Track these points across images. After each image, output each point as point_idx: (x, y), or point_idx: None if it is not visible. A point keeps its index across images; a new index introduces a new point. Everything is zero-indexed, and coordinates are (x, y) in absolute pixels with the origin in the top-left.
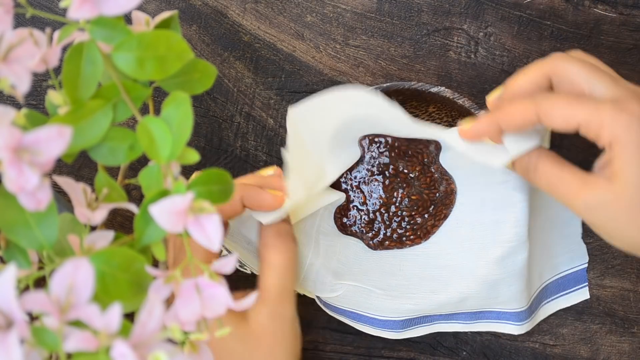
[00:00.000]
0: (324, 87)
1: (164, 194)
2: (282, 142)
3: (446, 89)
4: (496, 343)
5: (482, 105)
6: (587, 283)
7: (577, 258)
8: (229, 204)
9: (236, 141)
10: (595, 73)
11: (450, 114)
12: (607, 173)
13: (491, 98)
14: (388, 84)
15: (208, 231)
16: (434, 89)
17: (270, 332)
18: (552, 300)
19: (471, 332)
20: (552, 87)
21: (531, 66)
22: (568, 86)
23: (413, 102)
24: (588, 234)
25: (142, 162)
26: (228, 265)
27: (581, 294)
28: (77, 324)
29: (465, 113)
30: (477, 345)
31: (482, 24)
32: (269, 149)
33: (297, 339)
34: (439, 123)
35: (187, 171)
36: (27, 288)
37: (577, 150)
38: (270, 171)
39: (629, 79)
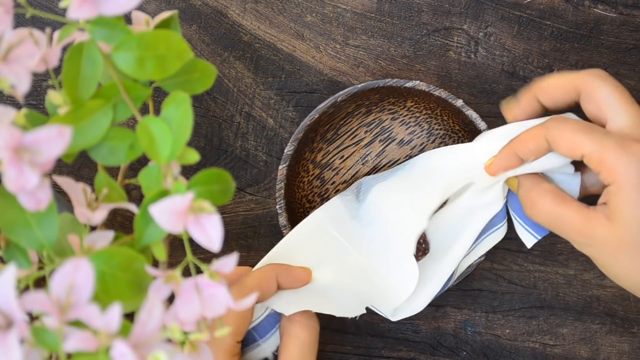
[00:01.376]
0: (324, 87)
1: (164, 194)
2: (282, 142)
3: (421, 82)
4: (496, 343)
5: (482, 106)
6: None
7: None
8: (267, 284)
9: (236, 141)
10: (624, 102)
11: (428, 106)
12: (607, 211)
13: (508, 105)
14: (364, 84)
15: (208, 231)
16: (409, 84)
17: None
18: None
19: (470, 331)
20: (578, 100)
21: (565, 73)
22: (593, 106)
23: (390, 98)
24: None
25: (142, 162)
26: (228, 265)
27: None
28: (77, 324)
29: (442, 104)
30: (477, 345)
31: (482, 24)
32: (269, 149)
33: None
34: (418, 116)
35: (187, 171)
36: (27, 288)
37: None
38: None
39: (629, 79)
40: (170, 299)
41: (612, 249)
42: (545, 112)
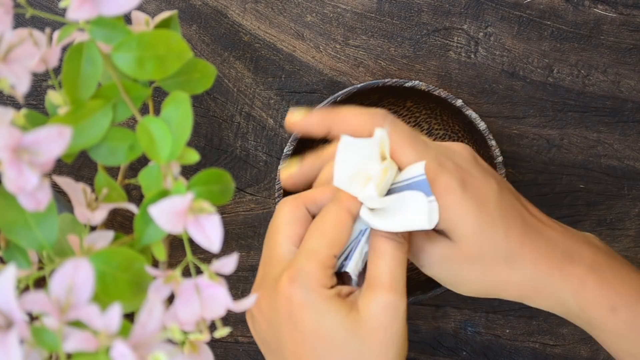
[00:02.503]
0: (323, 87)
1: (164, 194)
2: (282, 142)
3: (421, 82)
4: (496, 343)
5: (482, 106)
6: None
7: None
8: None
9: (236, 141)
10: (403, 143)
11: (428, 106)
12: (443, 227)
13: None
14: (363, 83)
15: (208, 231)
16: (409, 84)
17: (383, 326)
18: None
19: (470, 331)
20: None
21: (356, 112)
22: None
23: (390, 98)
24: (589, 230)
25: (142, 162)
26: (228, 265)
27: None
28: (77, 324)
29: (442, 104)
30: (477, 345)
31: (482, 24)
32: (269, 149)
33: (406, 340)
34: (418, 116)
35: (187, 171)
36: (27, 288)
37: (577, 150)
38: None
39: (629, 79)
40: (170, 299)
41: (453, 263)
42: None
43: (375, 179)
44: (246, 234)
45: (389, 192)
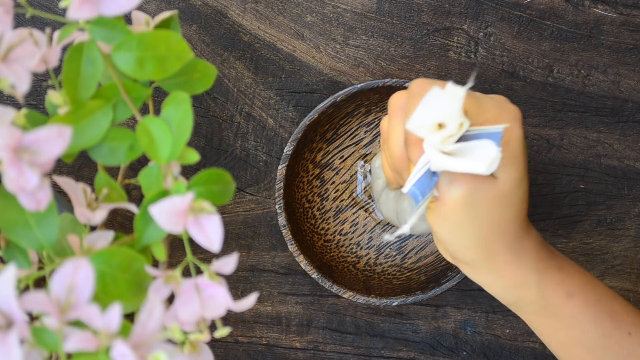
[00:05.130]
0: (323, 87)
1: (164, 194)
2: (282, 142)
3: None
4: (496, 343)
5: None
6: None
7: None
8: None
9: (236, 141)
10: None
11: None
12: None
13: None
14: (363, 83)
15: (208, 231)
16: (408, 84)
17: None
18: None
19: (470, 331)
20: None
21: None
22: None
23: None
24: (588, 234)
25: (142, 162)
26: (228, 265)
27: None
28: (77, 324)
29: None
30: (477, 345)
31: (482, 24)
32: (269, 148)
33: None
34: None
35: (187, 171)
36: (27, 288)
37: (577, 150)
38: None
39: (629, 79)
40: (170, 299)
41: (487, 196)
42: None
43: (450, 130)
44: (246, 234)
45: (460, 139)
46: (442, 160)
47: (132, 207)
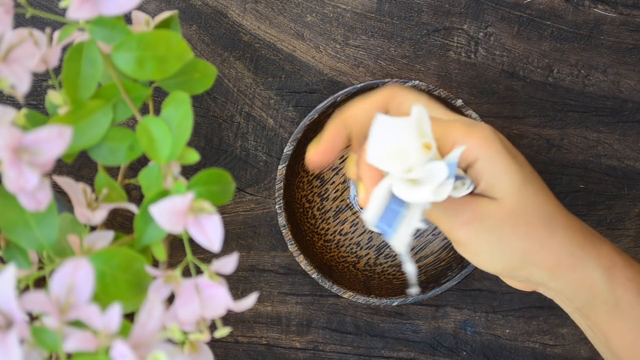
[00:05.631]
0: (324, 87)
1: (164, 194)
2: (282, 142)
3: (421, 82)
4: (496, 343)
5: (482, 105)
6: None
7: None
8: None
9: (236, 141)
10: (431, 103)
11: None
12: (479, 190)
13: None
14: (363, 83)
15: (208, 231)
16: (409, 84)
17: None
18: None
19: (470, 331)
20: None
21: (366, 96)
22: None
23: None
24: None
25: (142, 162)
26: (228, 265)
27: None
28: (77, 324)
29: (442, 104)
30: (477, 346)
31: (482, 24)
32: (269, 149)
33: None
34: None
35: (187, 171)
36: (27, 288)
37: (577, 150)
38: None
39: (629, 79)
40: (170, 299)
41: (496, 222)
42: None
43: (414, 156)
44: (246, 234)
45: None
46: (400, 192)
47: (132, 207)
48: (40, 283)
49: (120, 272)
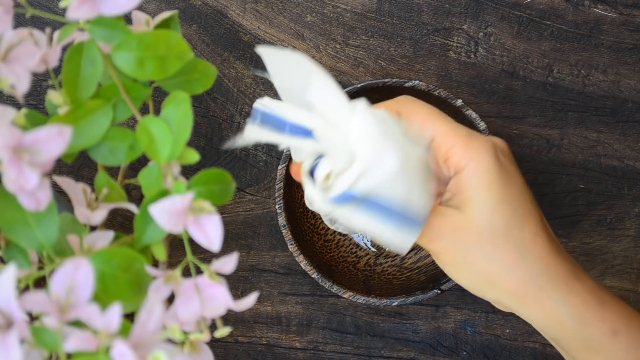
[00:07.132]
0: None
1: (164, 194)
2: None
3: (421, 82)
4: (496, 343)
5: (482, 105)
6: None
7: None
8: None
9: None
10: (436, 119)
11: None
12: (456, 201)
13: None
14: (363, 83)
15: (208, 231)
16: (409, 84)
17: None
18: None
19: (470, 331)
20: None
21: (380, 104)
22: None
23: (390, 98)
24: (588, 234)
25: (142, 162)
26: (228, 265)
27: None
28: (77, 324)
29: (442, 104)
30: (477, 345)
31: (482, 24)
32: (269, 149)
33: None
34: None
35: (187, 171)
36: (27, 288)
37: (577, 150)
38: None
39: (629, 79)
40: (170, 299)
41: (462, 238)
42: None
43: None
44: (246, 234)
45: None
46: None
47: (132, 207)
48: (40, 283)
49: (120, 272)
